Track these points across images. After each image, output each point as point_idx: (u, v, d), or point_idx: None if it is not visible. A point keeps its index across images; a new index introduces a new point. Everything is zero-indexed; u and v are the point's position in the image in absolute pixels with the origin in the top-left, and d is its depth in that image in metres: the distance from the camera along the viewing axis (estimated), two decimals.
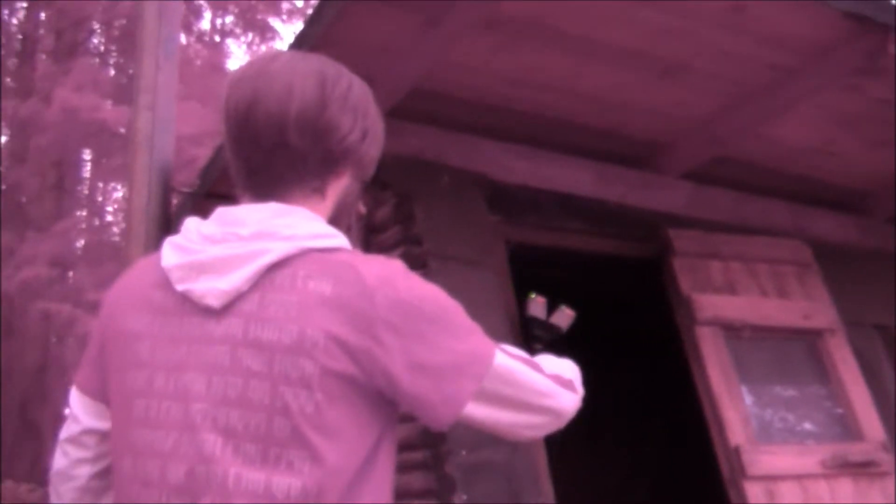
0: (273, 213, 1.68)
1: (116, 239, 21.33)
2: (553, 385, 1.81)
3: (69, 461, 1.91)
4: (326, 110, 1.74)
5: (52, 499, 1.96)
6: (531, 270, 5.03)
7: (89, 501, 1.91)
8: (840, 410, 5.16)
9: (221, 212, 1.71)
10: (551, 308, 2.21)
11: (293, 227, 1.65)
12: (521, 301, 4.49)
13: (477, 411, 1.67)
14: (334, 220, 1.80)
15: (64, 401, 20.51)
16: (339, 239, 1.68)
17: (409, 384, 1.58)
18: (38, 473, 16.30)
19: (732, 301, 5.05)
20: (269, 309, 1.58)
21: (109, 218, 24.39)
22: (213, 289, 1.61)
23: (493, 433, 1.79)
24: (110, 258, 18.70)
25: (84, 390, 1.87)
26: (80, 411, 1.88)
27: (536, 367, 1.80)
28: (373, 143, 1.85)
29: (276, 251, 1.61)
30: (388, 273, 1.62)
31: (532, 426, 1.81)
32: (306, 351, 1.54)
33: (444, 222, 4.39)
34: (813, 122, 5.01)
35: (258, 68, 1.78)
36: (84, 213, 22.95)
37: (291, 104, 1.71)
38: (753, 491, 4.51)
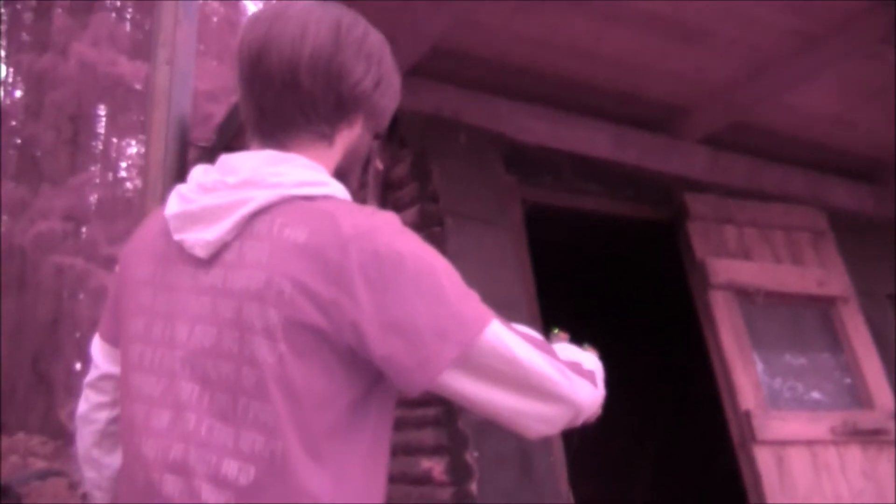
0: (266, 159, 1.66)
1: (130, 195, 21.36)
2: (566, 371, 1.65)
3: (89, 405, 1.95)
4: (340, 53, 1.71)
5: (77, 442, 2.01)
6: (547, 231, 5.04)
7: (108, 444, 1.95)
8: (851, 379, 5.17)
9: (222, 160, 1.69)
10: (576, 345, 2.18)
11: (281, 174, 1.62)
12: (535, 256, 4.51)
13: (465, 385, 1.55)
14: (344, 171, 1.79)
15: (76, 354, 20.65)
16: (327, 188, 1.63)
17: (379, 343, 1.48)
18: (51, 426, 16.40)
19: (747, 266, 5.06)
20: (245, 257, 1.57)
21: (123, 174, 24.39)
22: (199, 239, 1.62)
23: (496, 420, 1.63)
24: (124, 213, 18.75)
25: (103, 336, 1.90)
26: (99, 357, 1.91)
27: (546, 350, 1.64)
28: (386, 93, 1.81)
29: (258, 199, 1.59)
30: (370, 225, 1.53)
31: (542, 417, 1.63)
32: (271, 299, 1.51)
33: (461, 181, 4.40)
34: (833, 91, 4.99)
35: (275, 11, 1.76)
36: (98, 169, 22.94)
37: (305, 46, 1.69)
38: (763, 455, 4.54)
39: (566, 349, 1.82)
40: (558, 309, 5.64)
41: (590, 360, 1.84)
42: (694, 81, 4.87)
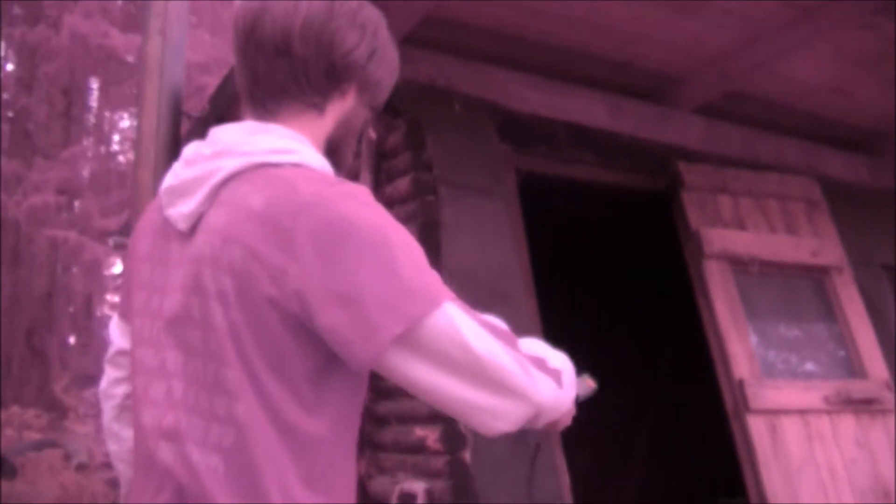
0: (246, 130, 1.67)
1: (123, 168, 21.33)
2: (527, 365, 1.56)
3: (108, 381, 2.02)
4: (332, 22, 1.72)
5: (103, 416, 2.07)
6: (542, 201, 5.03)
7: (126, 417, 1.98)
8: (844, 349, 5.19)
9: (210, 133, 1.70)
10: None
11: (253, 143, 1.62)
12: (530, 225, 4.50)
13: (413, 368, 1.49)
14: (338, 143, 1.80)
15: (71, 328, 20.67)
16: (297, 155, 1.62)
17: (324, 313, 1.45)
18: (46, 399, 16.45)
19: (741, 236, 5.06)
20: (206, 224, 1.58)
21: (116, 147, 24.37)
22: (180, 213, 1.63)
23: (448, 412, 1.55)
24: (117, 186, 18.74)
25: (119, 313, 1.96)
26: (115, 333, 1.98)
27: (508, 341, 1.56)
28: (380, 66, 1.81)
29: (227, 168, 1.59)
30: (328, 193, 1.51)
31: (495, 412, 1.53)
32: (224, 265, 1.52)
33: (455, 150, 4.38)
34: (828, 61, 4.98)
35: None
36: (91, 142, 22.90)
37: (298, 14, 1.70)
38: (756, 424, 4.55)
39: (533, 344, 1.72)
40: (553, 278, 5.66)
41: (559, 359, 1.75)
42: (688, 51, 4.85)
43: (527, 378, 1.54)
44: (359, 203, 1.52)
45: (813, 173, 5.69)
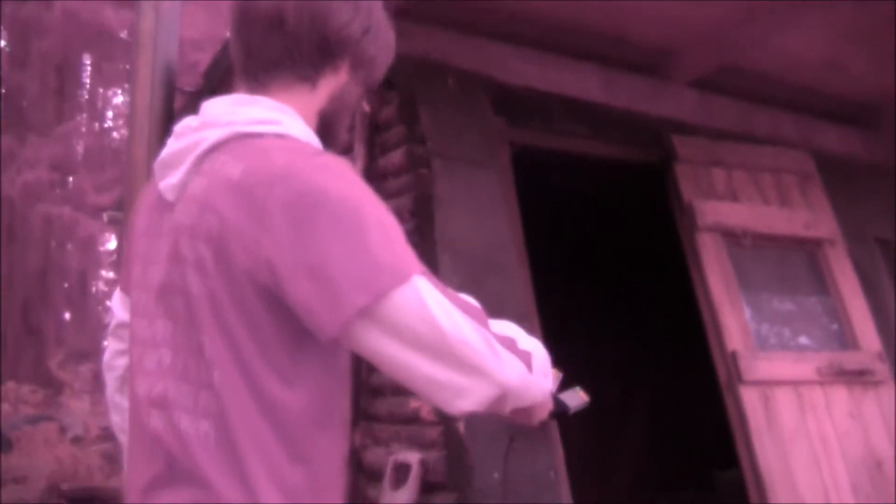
0: (234, 101, 1.69)
1: (117, 144, 21.28)
2: (494, 344, 1.54)
3: (110, 353, 2.05)
4: None
5: (106, 388, 2.11)
6: (536, 175, 5.04)
7: (128, 390, 2.00)
8: (837, 321, 5.21)
9: (202, 105, 1.72)
10: (568, 386, 2.15)
11: (238, 114, 1.64)
12: (524, 199, 4.51)
13: (378, 341, 1.47)
14: (331, 118, 1.81)
15: (66, 305, 20.67)
16: (280, 126, 1.63)
17: (293, 285, 1.45)
18: (41, 375, 16.47)
19: (734, 208, 5.07)
20: (189, 194, 1.60)
21: (110, 123, 24.30)
22: (168, 184, 1.65)
23: (412, 388, 1.54)
24: (111, 163, 18.70)
25: (120, 286, 1.98)
26: (117, 306, 2.00)
27: (477, 318, 1.54)
28: (375, 43, 1.82)
29: (210, 138, 1.61)
30: (303, 164, 1.52)
31: (459, 390, 1.51)
32: (202, 234, 1.53)
33: (449, 123, 4.38)
34: (823, 36, 4.97)
35: None
36: (85, 118, 22.84)
37: None
38: (749, 395, 4.57)
39: (504, 325, 1.70)
40: (548, 251, 5.67)
41: (531, 343, 1.72)
42: (682, 24, 4.84)
43: (493, 357, 1.52)
44: (334, 175, 1.52)
45: (807, 147, 5.70)
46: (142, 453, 1.61)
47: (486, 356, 1.51)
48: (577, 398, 2.22)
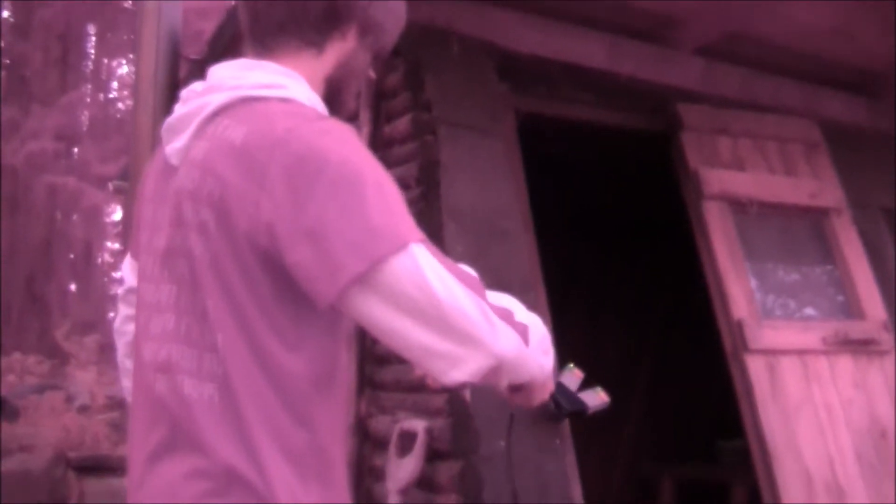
0: (240, 66, 1.70)
1: (122, 115, 21.26)
2: (490, 315, 1.53)
3: (120, 319, 2.08)
4: None
5: (117, 353, 2.15)
6: (541, 142, 5.02)
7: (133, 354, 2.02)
8: (842, 290, 5.20)
9: (208, 71, 1.73)
10: (587, 385, 2.15)
11: (243, 78, 1.65)
12: (529, 167, 4.50)
13: (375, 308, 1.47)
14: (338, 85, 1.81)
15: (70, 275, 20.69)
16: (284, 90, 1.63)
17: (290, 248, 1.46)
18: (46, 346, 16.52)
19: (740, 177, 5.05)
20: (191, 158, 1.61)
21: (114, 94, 24.25)
22: (173, 149, 1.67)
23: (407, 357, 1.54)
24: (116, 133, 18.69)
25: (130, 252, 2.00)
26: (126, 272, 2.03)
27: (474, 288, 1.53)
28: (382, 9, 1.82)
29: (214, 102, 1.62)
30: (304, 128, 1.52)
31: (454, 360, 1.49)
32: (204, 197, 1.54)
33: (454, 90, 4.37)
34: (829, 2, 4.92)
35: None
36: (89, 89, 22.81)
37: None
38: (755, 364, 4.57)
39: (501, 297, 1.68)
40: (553, 221, 5.66)
41: (529, 317, 1.70)
42: None
43: (488, 327, 1.51)
44: (335, 139, 1.53)
45: (812, 115, 5.66)
46: (146, 419, 1.62)
47: (482, 326, 1.50)
48: (596, 398, 2.23)
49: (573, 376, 2.10)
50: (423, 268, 1.46)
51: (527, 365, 1.64)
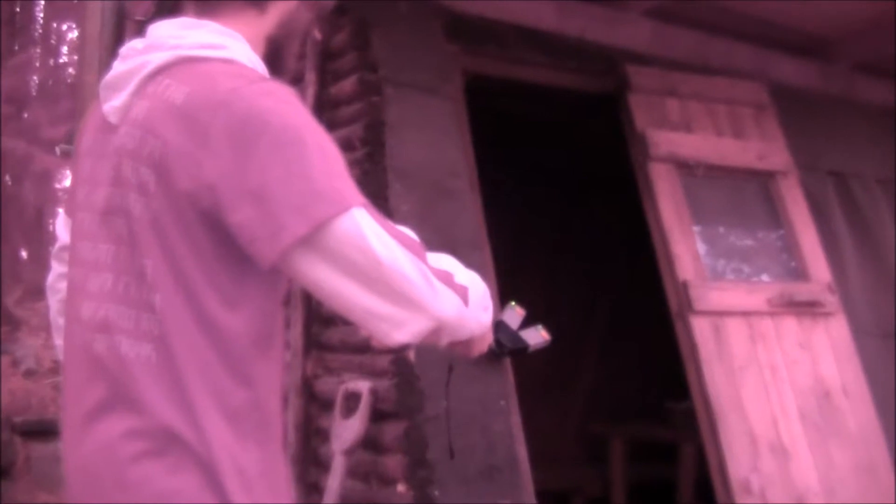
0: (179, 24, 1.69)
1: (71, 78, 21.00)
2: (430, 277, 1.58)
3: (53, 276, 2.08)
4: None
5: (49, 311, 2.14)
6: (489, 102, 5.00)
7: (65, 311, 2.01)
8: (788, 252, 5.24)
9: (148, 29, 1.72)
10: (529, 324, 2.16)
11: (183, 37, 1.64)
12: (478, 128, 4.48)
13: (316, 270, 1.51)
14: (279, 44, 1.81)
15: (22, 241, 20.47)
16: (226, 51, 1.63)
17: (232, 208, 1.47)
18: None
19: (688, 139, 5.06)
20: (132, 117, 1.60)
21: (64, 58, 23.95)
22: (112, 106, 1.65)
23: (350, 318, 1.59)
24: (66, 96, 18.45)
25: (65, 209, 1.98)
26: (60, 229, 2.03)
27: (415, 251, 1.57)
28: None
29: (154, 61, 1.61)
30: (247, 89, 1.52)
31: (395, 321, 1.55)
32: (144, 157, 1.53)
33: (401, 49, 4.33)
34: None
35: None
36: (38, 52, 22.52)
37: None
38: (700, 325, 4.60)
39: (443, 259, 1.73)
40: (502, 178, 5.66)
41: (469, 276, 1.75)
42: None
43: (428, 290, 1.56)
44: (278, 101, 1.53)
45: (764, 78, 5.67)
46: (82, 378, 1.61)
47: (423, 289, 1.55)
48: (537, 336, 2.24)
49: (515, 314, 2.11)
50: (365, 231, 1.49)
51: (467, 324, 1.71)
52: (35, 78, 20.20)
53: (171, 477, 1.50)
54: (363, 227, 1.49)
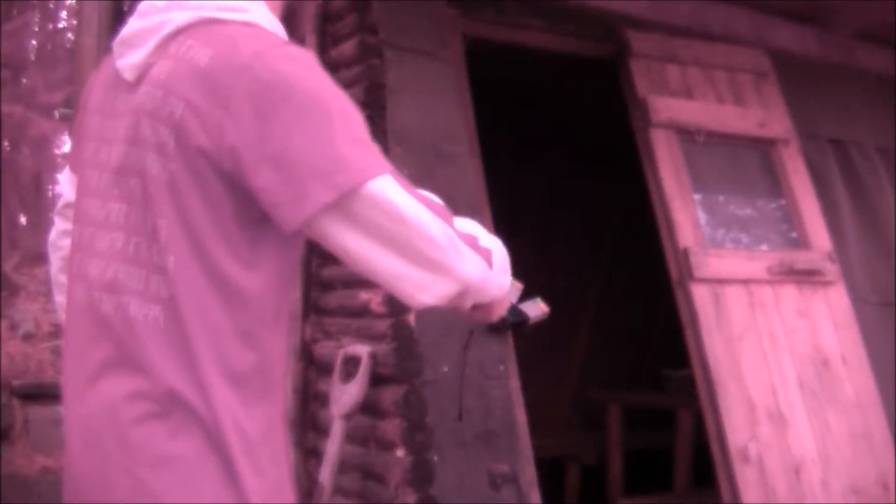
0: None
1: (70, 44, 20.92)
2: (456, 241, 1.59)
3: (56, 233, 2.06)
4: None
5: (50, 267, 2.14)
6: (489, 68, 4.98)
7: (68, 269, 2.01)
8: (788, 220, 5.22)
9: None
10: (528, 297, 2.17)
11: None
12: (477, 92, 4.47)
13: (343, 235, 1.52)
14: (293, 6, 1.82)
15: (20, 206, 20.45)
16: (248, 14, 1.63)
17: (256, 172, 1.48)
18: None
19: (688, 105, 5.04)
20: (154, 76, 1.58)
21: (63, 23, 23.84)
22: (128, 63, 1.64)
23: (376, 281, 1.60)
24: (64, 62, 18.38)
25: (69, 165, 1.97)
26: (64, 185, 2.01)
27: (442, 215, 1.59)
28: None
29: (176, 20, 1.60)
30: (270, 54, 1.53)
31: (421, 285, 1.57)
32: (165, 117, 1.53)
33: (401, 13, 4.31)
34: None
35: None
36: (37, 17, 22.40)
37: None
38: (700, 292, 4.59)
39: (466, 222, 1.75)
40: (501, 143, 5.64)
41: (491, 240, 1.78)
42: None
43: (455, 253, 1.58)
44: (300, 66, 1.54)
45: (762, 44, 5.64)
46: (88, 336, 1.61)
47: (450, 253, 1.56)
48: (536, 309, 2.25)
49: (514, 288, 2.11)
50: (392, 197, 1.50)
51: (490, 287, 1.72)
52: (33, 42, 20.09)
53: (172, 440, 1.51)
54: (389, 193, 1.50)
